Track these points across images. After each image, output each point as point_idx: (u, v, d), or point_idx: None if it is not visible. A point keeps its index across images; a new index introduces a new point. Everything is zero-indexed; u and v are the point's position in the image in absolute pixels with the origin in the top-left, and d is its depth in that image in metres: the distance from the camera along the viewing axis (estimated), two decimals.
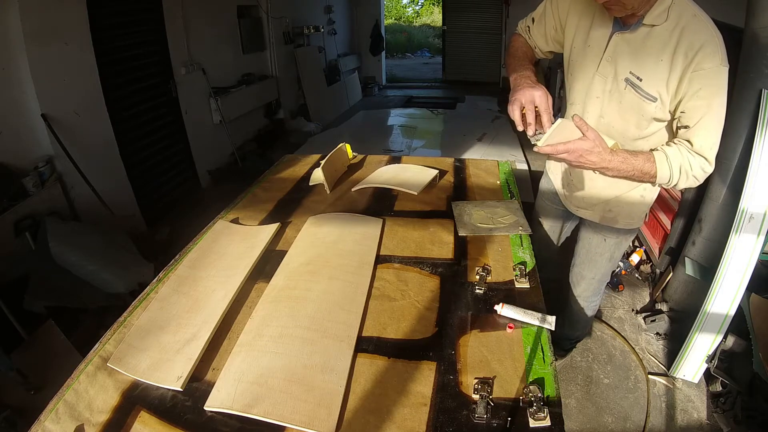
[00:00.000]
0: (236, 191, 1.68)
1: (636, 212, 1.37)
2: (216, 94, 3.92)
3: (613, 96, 1.13)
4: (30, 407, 1.52)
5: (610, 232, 1.45)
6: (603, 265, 1.55)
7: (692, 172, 1.05)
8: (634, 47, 1.05)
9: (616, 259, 1.54)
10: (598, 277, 1.59)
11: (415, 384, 0.82)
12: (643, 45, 1.04)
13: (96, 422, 0.78)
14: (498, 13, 7.42)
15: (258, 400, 0.78)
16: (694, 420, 1.70)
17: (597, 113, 1.19)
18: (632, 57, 1.06)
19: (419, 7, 15.67)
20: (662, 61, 1.01)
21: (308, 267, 1.14)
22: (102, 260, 2.11)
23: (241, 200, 1.61)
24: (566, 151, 1.00)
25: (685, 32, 0.98)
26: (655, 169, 1.05)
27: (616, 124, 1.16)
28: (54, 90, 2.40)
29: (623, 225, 1.40)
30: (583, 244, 1.57)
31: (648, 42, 1.03)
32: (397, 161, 1.93)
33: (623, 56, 1.08)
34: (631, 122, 1.14)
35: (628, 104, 1.11)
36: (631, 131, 1.15)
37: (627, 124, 1.14)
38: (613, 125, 1.17)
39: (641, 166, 1.05)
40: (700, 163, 1.04)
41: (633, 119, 1.13)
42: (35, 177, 2.26)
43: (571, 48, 1.22)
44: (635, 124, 1.13)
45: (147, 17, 3.18)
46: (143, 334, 0.96)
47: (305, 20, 5.72)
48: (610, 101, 1.14)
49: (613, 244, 1.48)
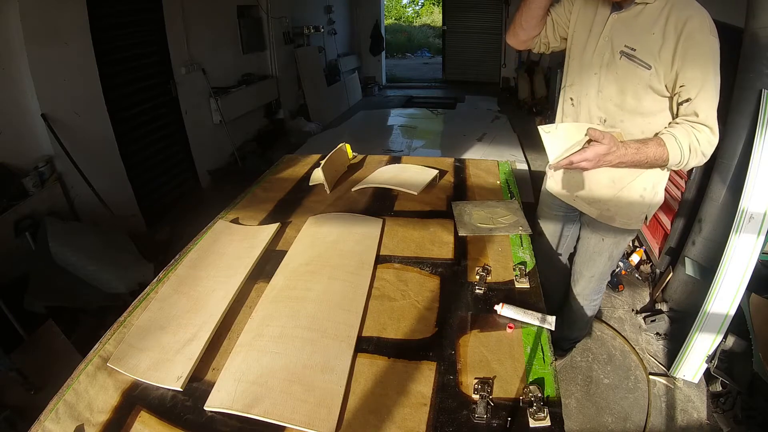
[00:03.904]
0: (236, 191, 1.68)
1: (634, 213, 1.38)
2: (216, 94, 3.92)
3: (610, 69, 1.20)
4: (30, 407, 1.52)
5: (608, 231, 1.45)
6: (602, 264, 1.55)
7: (701, 148, 1.09)
8: (628, 24, 1.15)
9: (615, 259, 1.54)
10: (597, 276, 1.59)
11: (415, 384, 0.82)
12: (636, 21, 1.13)
13: (96, 422, 0.78)
14: (498, 13, 7.42)
15: (258, 400, 0.78)
16: (694, 420, 1.70)
17: (596, 88, 1.25)
18: (627, 32, 1.15)
19: (419, 7, 15.67)
20: (654, 34, 1.09)
21: (308, 267, 1.15)
22: (102, 260, 2.11)
23: (241, 200, 1.61)
24: (584, 159, 1.06)
25: (673, 9, 1.07)
26: (667, 152, 1.10)
27: (614, 96, 1.21)
28: (54, 90, 2.40)
29: (620, 224, 1.40)
30: (583, 243, 1.58)
31: (640, 18, 1.12)
32: (397, 161, 1.93)
33: (619, 33, 1.16)
34: (628, 92, 1.18)
35: (623, 74, 1.17)
36: (629, 102, 1.19)
37: (624, 95, 1.19)
38: (611, 98, 1.22)
39: (654, 152, 1.10)
40: (706, 138, 1.09)
41: (630, 88, 1.18)
42: (35, 177, 2.26)
43: (573, 32, 1.31)
44: (632, 93, 1.18)
45: (147, 17, 3.18)
46: (143, 334, 0.96)
47: (305, 20, 5.72)
48: (608, 74, 1.21)
49: (611, 244, 1.49)
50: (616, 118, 1.23)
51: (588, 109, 1.28)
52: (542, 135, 1.16)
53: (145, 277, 2.14)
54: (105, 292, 2.08)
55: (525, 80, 6.20)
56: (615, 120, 1.23)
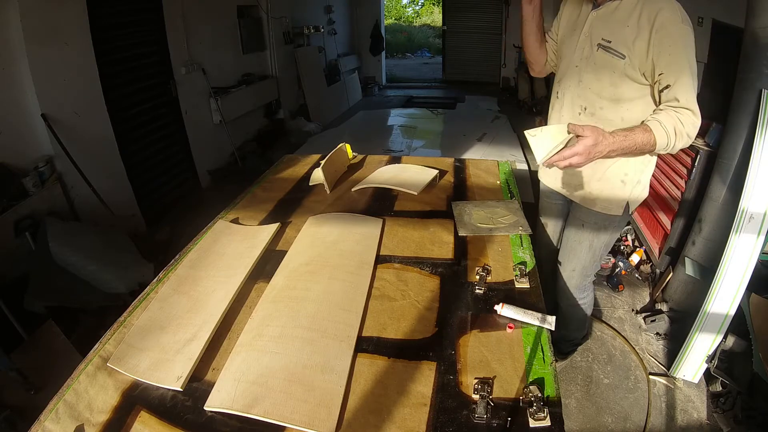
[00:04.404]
0: (236, 191, 1.67)
1: (615, 198, 1.39)
2: (216, 94, 3.92)
3: (589, 61, 1.29)
4: (30, 407, 1.52)
5: (588, 216, 1.46)
6: (582, 255, 1.53)
7: (685, 130, 1.13)
8: (606, 19, 1.24)
9: (596, 252, 1.51)
10: (579, 270, 1.57)
11: (415, 384, 0.82)
12: (612, 16, 1.22)
13: (96, 422, 0.78)
14: (498, 13, 7.42)
15: (258, 400, 0.78)
16: (694, 420, 1.70)
17: (576, 79, 1.33)
18: (604, 27, 1.24)
19: (419, 7, 15.66)
20: (629, 27, 1.17)
21: (308, 267, 1.15)
22: (102, 260, 2.11)
23: (241, 200, 1.61)
24: (575, 153, 1.08)
25: (646, 3, 1.15)
26: (654, 137, 1.14)
27: (592, 85, 1.29)
28: (54, 90, 2.40)
29: (601, 208, 1.41)
30: (566, 234, 1.59)
31: (616, 14, 1.21)
32: (397, 161, 1.93)
33: (597, 28, 1.26)
34: (605, 80, 1.26)
35: (600, 64, 1.25)
36: (606, 89, 1.26)
37: (601, 83, 1.27)
38: (590, 86, 1.30)
39: (641, 138, 1.14)
40: (689, 120, 1.13)
41: (606, 77, 1.25)
42: (35, 177, 2.26)
43: (562, 35, 1.42)
44: (609, 81, 1.25)
45: (147, 17, 3.18)
46: (143, 334, 0.96)
47: (305, 20, 5.72)
48: (587, 66, 1.30)
49: (591, 232, 1.48)
50: (595, 105, 1.29)
51: (571, 98, 1.36)
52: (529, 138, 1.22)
53: (145, 277, 2.14)
54: (105, 292, 2.08)
55: (525, 80, 6.19)
56: (595, 107, 1.29)
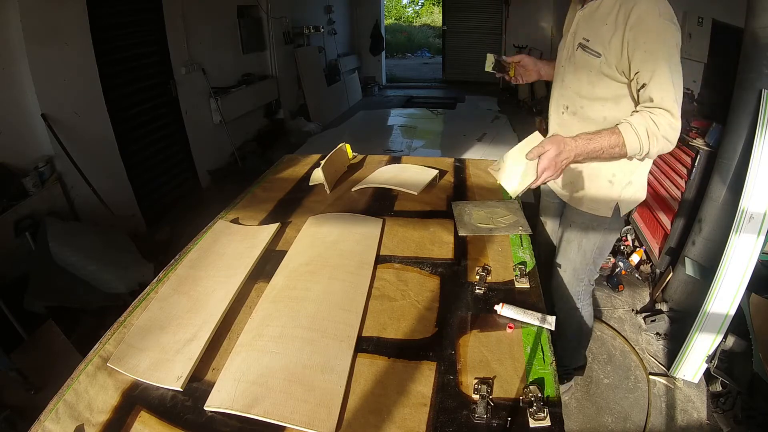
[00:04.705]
0: (236, 191, 1.67)
1: (602, 199, 1.37)
2: (216, 94, 3.92)
3: (570, 61, 1.30)
4: (30, 407, 1.52)
5: (576, 215, 1.45)
6: (572, 255, 1.50)
7: (660, 132, 1.08)
8: (589, 19, 1.24)
9: (586, 252, 1.48)
10: (570, 270, 1.53)
11: (415, 384, 0.82)
12: (593, 15, 1.22)
13: (96, 422, 0.78)
14: (498, 13, 7.42)
15: (258, 400, 0.78)
16: (694, 420, 1.70)
17: (560, 79, 1.36)
18: (587, 26, 1.24)
19: (419, 7, 15.66)
20: (606, 25, 1.16)
21: (308, 267, 1.14)
22: (102, 260, 2.11)
23: (241, 200, 1.61)
24: (543, 170, 1.10)
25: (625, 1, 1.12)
26: (622, 138, 1.10)
27: (572, 84, 1.30)
28: (54, 90, 2.40)
29: (588, 209, 1.40)
30: (559, 233, 1.58)
31: (597, 12, 1.20)
32: (397, 161, 1.93)
33: (581, 28, 1.26)
34: (583, 79, 1.26)
35: (579, 63, 1.26)
36: (585, 88, 1.26)
37: (580, 82, 1.27)
38: (570, 86, 1.31)
39: (608, 140, 1.11)
40: (666, 121, 1.07)
41: (584, 76, 1.26)
42: (35, 177, 2.26)
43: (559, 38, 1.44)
44: (587, 80, 1.25)
45: (147, 17, 3.18)
46: (143, 334, 0.96)
47: (305, 20, 5.71)
48: (569, 66, 1.31)
49: (578, 232, 1.46)
50: (576, 105, 1.30)
51: (556, 98, 1.38)
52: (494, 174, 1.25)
53: (145, 277, 2.14)
54: (105, 292, 2.08)
55: None
56: (576, 106, 1.30)
